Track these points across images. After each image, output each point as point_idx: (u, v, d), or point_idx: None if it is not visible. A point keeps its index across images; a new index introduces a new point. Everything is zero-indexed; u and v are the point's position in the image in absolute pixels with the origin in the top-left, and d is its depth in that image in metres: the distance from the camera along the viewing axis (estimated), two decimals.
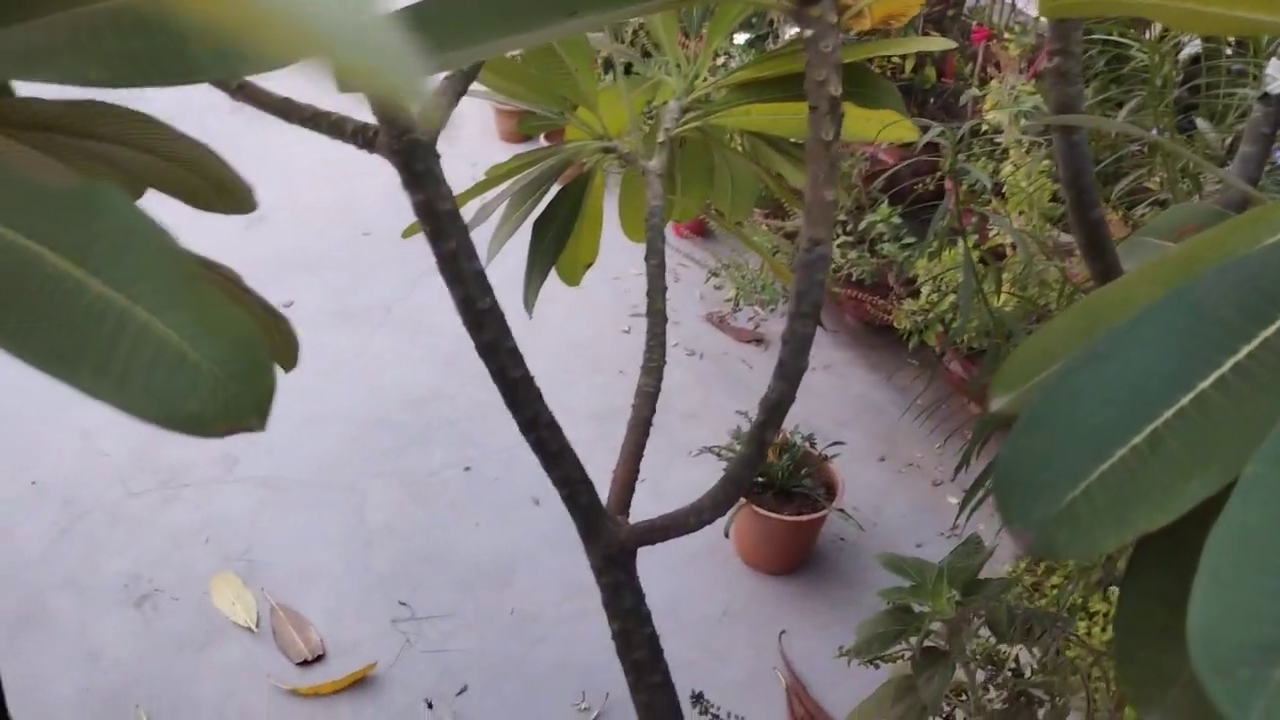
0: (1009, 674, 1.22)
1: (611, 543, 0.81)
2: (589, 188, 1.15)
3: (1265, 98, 0.83)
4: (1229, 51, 2.01)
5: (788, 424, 1.74)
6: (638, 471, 0.89)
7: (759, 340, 2.81)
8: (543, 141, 3.21)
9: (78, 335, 0.35)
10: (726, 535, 2.08)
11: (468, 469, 2.33)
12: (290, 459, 2.32)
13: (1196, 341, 0.37)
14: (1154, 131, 1.97)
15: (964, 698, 1.25)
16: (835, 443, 2.11)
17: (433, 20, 0.43)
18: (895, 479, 2.34)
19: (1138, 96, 1.95)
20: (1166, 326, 0.38)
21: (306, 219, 3.28)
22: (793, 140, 1.14)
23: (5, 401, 2.41)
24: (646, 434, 0.90)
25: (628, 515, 0.87)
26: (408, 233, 1.01)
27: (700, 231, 3.20)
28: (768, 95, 1.02)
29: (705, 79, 1.05)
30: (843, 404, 2.57)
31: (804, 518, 1.99)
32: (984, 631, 1.26)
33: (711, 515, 0.73)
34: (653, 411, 0.91)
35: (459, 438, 2.41)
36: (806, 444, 2.07)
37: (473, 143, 3.74)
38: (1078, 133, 0.71)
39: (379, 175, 3.42)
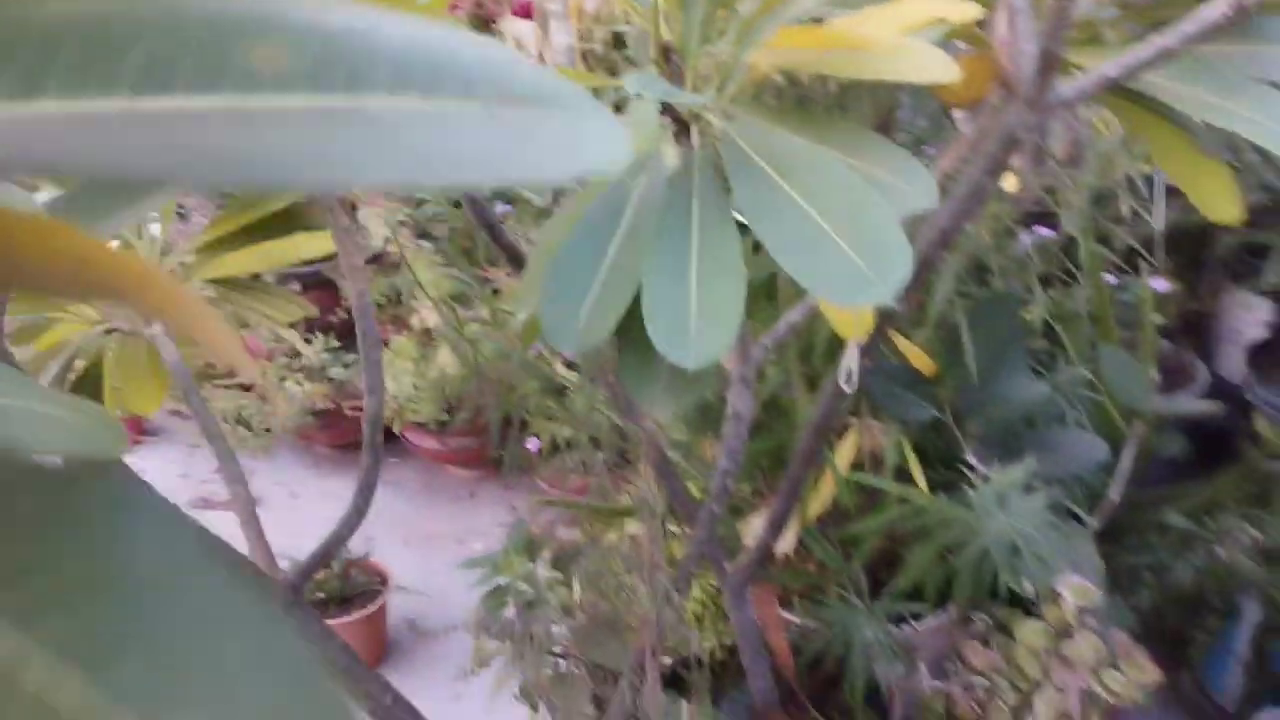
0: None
1: None
2: (103, 369, 1.25)
3: None
4: None
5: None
6: None
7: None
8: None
9: None
10: None
11: None
12: None
13: (593, 228, 0.76)
14: None
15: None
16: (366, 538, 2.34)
17: None
18: (424, 550, 2.63)
19: None
20: (589, 226, 0.76)
21: None
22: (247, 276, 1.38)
23: None
24: None
25: None
26: None
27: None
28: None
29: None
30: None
31: (370, 609, 2.18)
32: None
33: None
34: None
35: None
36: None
37: None
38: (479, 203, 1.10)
39: None
